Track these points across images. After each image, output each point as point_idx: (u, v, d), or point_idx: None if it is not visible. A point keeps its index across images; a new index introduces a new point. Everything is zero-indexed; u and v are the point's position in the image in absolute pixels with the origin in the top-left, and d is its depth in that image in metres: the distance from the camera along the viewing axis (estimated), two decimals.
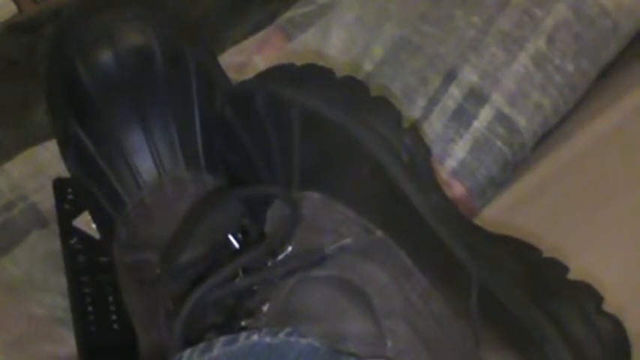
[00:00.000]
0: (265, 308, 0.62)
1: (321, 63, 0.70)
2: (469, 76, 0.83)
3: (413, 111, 0.82)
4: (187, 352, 0.57)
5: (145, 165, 0.70)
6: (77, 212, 0.86)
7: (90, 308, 0.81)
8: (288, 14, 1.03)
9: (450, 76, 0.83)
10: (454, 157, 0.80)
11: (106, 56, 0.69)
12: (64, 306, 0.82)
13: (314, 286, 0.62)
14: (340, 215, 0.65)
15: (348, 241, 0.64)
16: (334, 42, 0.90)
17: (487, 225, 0.67)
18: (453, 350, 0.60)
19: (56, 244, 0.86)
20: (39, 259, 0.87)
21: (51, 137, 0.93)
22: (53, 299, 0.83)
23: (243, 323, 0.62)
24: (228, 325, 0.62)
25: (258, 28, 1.05)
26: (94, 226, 0.79)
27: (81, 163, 0.72)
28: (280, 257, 0.64)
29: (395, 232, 0.64)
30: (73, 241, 0.86)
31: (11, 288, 0.86)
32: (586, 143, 0.84)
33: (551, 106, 0.83)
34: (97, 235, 0.81)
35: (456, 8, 0.86)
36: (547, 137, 0.85)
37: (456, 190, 0.79)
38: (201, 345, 0.57)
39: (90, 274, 0.83)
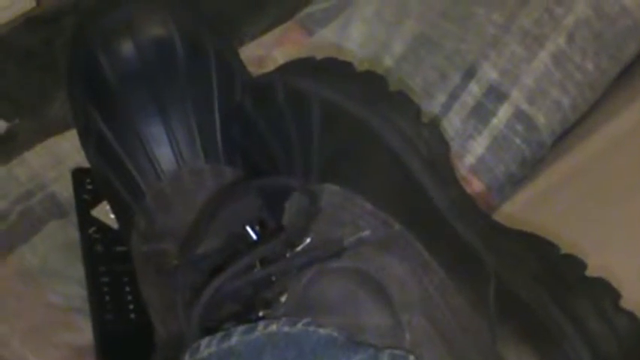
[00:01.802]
0: (283, 299, 0.61)
1: (340, 57, 0.70)
2: (489, 73, 0.83)
3: (432, 107, 0.82)
4: (205, 340, 0.57)
5: (164, 156, 0.70)
6: (96, 202, 0.86)
7: (107, 297, 0.81)
8: (307, 9, 1.03)
9: (470, 73, 0.83)
10: (473, 154, 0.80)
11: (126, 47, 0.69)
12: (82, 295, 0.82)
13: (332, 278, 0.61)
14: (359, 208, 0.64)
15: (366, 233, 0.63)
16: (354, 37, 0.90)
17: (505, 221, 0.67)
18: (470, 343, 0.60)
19: (74, 233, 0.87)
20: (57, 248, 0.87)
21: (70, 128, 0.94)
22: (71, 288, 0.83)
23: (260, 314, 0.61)
24: (246, 316, 0.61)
25: (277, 23, 1.06)
26: (112, 216, 0.79)
27: (100, 154, 0.72)
28: (298, 249, 0.64)
29: (413, 226, 0.63)
30: (91, 230, 0.86)
31: (29, 276, 0.86)
32: (604, 142, 0.84)
33: (570, 104, 0.83)
34: (115, 225, 0.81)
35: (477, 5, 0.86)
36: (566, 135, 0.85)
37: (475, 186, 0.79)
38: (219, 334, 0.56)
39: (107, 264, 0.83)
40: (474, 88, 0.82)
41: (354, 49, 0.89)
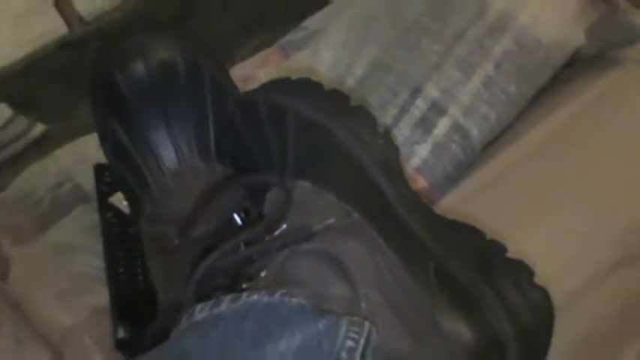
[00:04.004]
0: (263, 274, 0.61)
1: (312, 77, 0.70)
2: (432, 92, 0.82)
3: (386, 119, 0.81)
4: (199, 306, 0.56)
5: (167, 155, 0.70)
6: (113, 192, 0.86)
7: (121, 269, 0.81)
8: (286, 37, 1.03)
9: (416, 92, 0.82)
10: (418, 157, 0.80)
11: (138, 67, 0.69)
12: (101, 266, 0.82)
13: (303, 257, 0.62)
14: (325, 201, 0.65)
15: (331, 221, 0.64)
16: (323, 61, 0.89)
17: (443, 212, 0.67)
18: (414, 312, 0.60)
19: (95, 217, 0.86)
20: (81, 228, 0.87)
21: (92, 131, 0.93)
22: (92, 261, 0.83)
23: (244, 286, 0.61)
24: (232, 287, 0.62)
25: (261, 48, 1.05)
26: (125, 203, 0.78)
27: (116, 153, 0.71)
28: (276, 233, 0.64)
29: (370, 216, 0.64)
30: (109, 215, 0.85)
31: (59, 251, 0.86)
32: (523, 149, 0.84)
33: (496, 118, 0.82)
34: (127, 211, 0.80)
35: (423, 37, 0.85)
36: (492, 143, 0.84)
37: (420, 183, 0.79)
38: (211, 301, 0.56)
39: (121, 242, 0.83)
40: (420, 104, 0.81)
41: (323, 71, 0.88)
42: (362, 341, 0.53)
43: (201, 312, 0.56)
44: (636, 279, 0.78)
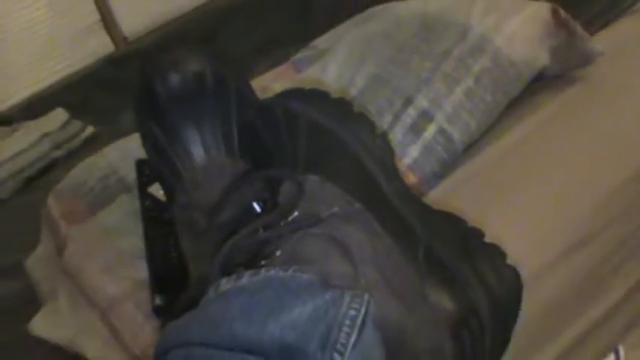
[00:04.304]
0: (278, 253, 0.61)
1: (321, 88, 0.70)
2: (421, 102, 0.80)
3: (382, 124, 0.80)
4: (224, 280, 0.56)
5: (197, 153, 0.68)
6: (151, 183, 0.85)
7: (157, 248, 0.80)
8: (297, 55, 1.02)
9: (408, 102, 0.81)
10: (410, 157, 0.78)
11: (174, 78, 0.68)
12: (141, 246, 0.81)
13: (312, 239, 0.61)
14: (331, 192, 0.64)
15: (336, 210, 0.64)
16: (330, 75, 0.88)
17: (431, 203, 0.67)
18: (405, 287, 0.60)
19: (136, 204, 0.85)
20: (125, 213, 0.86)
21: (134, 132, 0.93)
22: (134, 240, 0.82)
23: (262, 263, 0.61)
24: (252, 264, 0.61)
25: (276, 64, 1.04)
26: (161, 192, 0.77)
27: (155, 150, 0.70)
28: (289, 219, 0.63)
29: (369, 205, 0.64)
30: (148, 202, 0.84)
31: (106, 232, 0.85)
32: (498, 150, 0.83)
33: (475, 125, 0.81)
34: (163, 199, 0.79)
35: (414, 55, 0.84)
36: (472, 145, 0.83)
37: (411, 179, 0.77)
38: (234, 276, 0.56)
39: (158, 225, 0.82)
40: (411, 112, 0.80)
41: (330, 82, 0.87)
42: (362, 310, 0.52)
43: (226, 284, 0.55)
44: (591, 259, 0.77)
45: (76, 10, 1.98)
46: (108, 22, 2.01)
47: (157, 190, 0.84)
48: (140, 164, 0.88)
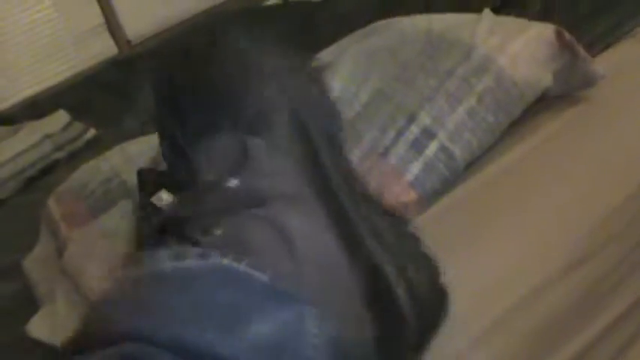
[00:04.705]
0: (218, 232, 0.57)
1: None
2: (424, 119, 0.81)
3: (385, 140, 0.80)
4: (163, 254, 0.53)
5: None
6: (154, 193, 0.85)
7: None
8: None
9: (412, 118, 0.81)
10: (411, 173, 0.78)
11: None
12: None
13: (256, 223, 0.57)
14: (279, 165, 0.61)
15: (283, 189, 0.60)
16: (334, 89, 0.88)
17: (431, 220, 0.66)
18: (345, 299, 0.56)
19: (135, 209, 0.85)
20: (126, 218, 0.86)
21: (137, 136, 0.93)
22: (130, 243, 0.81)
23: (199, 238, 0.56)
24: (189, 236, 0.57)
25: None
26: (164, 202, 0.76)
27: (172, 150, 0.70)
28: (229, 184, 0.60)
29: (316, 192, 0.61)
30: (148, 209, 0.84)
31: (106, 235, 0.85)
32: (499, 168, 0.83)
33: (477, 143, 0.82)
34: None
35: (418, 72, 0.85)
36: (473, 163, 0.83)
37: (412, 196, 0.77)
38: (174, 251, 0.52)
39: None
40: (414, 129, 0.80)
41: (334, 97, 0.87)
42: (323, 336, 0.50)
43: (167, 260, 0.52)
44: (590, 275, 0.77)
45: (80, 12, 1.99)
46: (112, 24, 2.02)
47: (157, 200, 0.84)
48: (142, 173, 0.88)
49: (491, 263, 0.71)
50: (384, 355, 0.56)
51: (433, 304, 0.60)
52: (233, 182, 0.60)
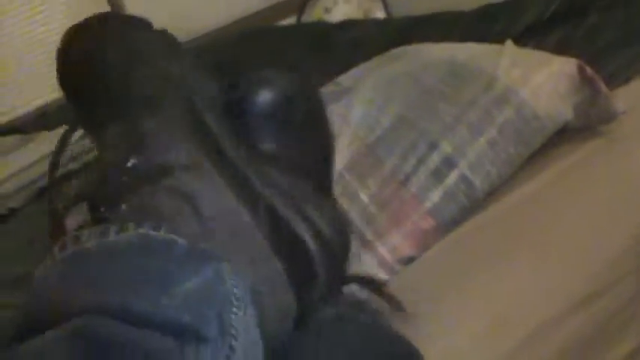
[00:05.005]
0: (124, 207, 0.60)
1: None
2: (445, 148, 0.81)
3: (406, 167, 0.80)
4: (86, 233, 0.54)
5: None
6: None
7: None
8: (322, 90, 1.01)
9: (433, 146, 0.81)
10: (431, 201, 0.79)
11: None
12: None
13: (159, 193, 0.60)
14: (173, 140, 0.63)
15: (185, 161, 0.62)
16: (355, 113, 0.89)
17: (447, 248, 0.65)
18: (253, 247, 0.59)
19: None
20: None
21: None
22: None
23: (103, 210, 0.60)
24: (95, 209, 0.60)
25: None
26: None
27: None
28: (129, 164, 0.62)
29: (213, 162, 0.62)
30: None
31: None
32: (517, 199, 0.83)
33: (497, 173, 0.82)
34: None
35: (440, 100, 0.85)
36: (492, 194, 0.83)
37: (429, 223, 0.78)
38: (97, 230, 0.54)
39: None
40: (435, 158, 0.81)
41: (356, 121, 0.87)
42: (242, 286, 0.53)
43: (89, 239, 0.54)
44: (603, 311, 0.77)
45: None
46: None
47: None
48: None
49: (507, 293, 0.72)
50: (298, 298, 0.60)
51: (338, 245, 0.63)
52: (132, 162, 0.62)
